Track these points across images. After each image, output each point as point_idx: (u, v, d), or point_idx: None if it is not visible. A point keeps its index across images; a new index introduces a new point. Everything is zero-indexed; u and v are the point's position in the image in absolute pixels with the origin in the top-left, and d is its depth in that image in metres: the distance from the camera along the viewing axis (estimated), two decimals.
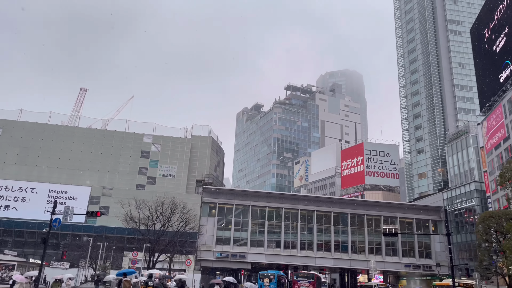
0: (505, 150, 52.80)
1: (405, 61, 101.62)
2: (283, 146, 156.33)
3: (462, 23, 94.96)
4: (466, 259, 62.55)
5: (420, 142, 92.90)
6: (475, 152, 69.11)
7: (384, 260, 63.85)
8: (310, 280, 47.42)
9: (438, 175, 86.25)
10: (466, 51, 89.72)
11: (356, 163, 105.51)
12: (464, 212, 65.81)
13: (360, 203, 70.51)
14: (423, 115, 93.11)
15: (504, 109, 53.14)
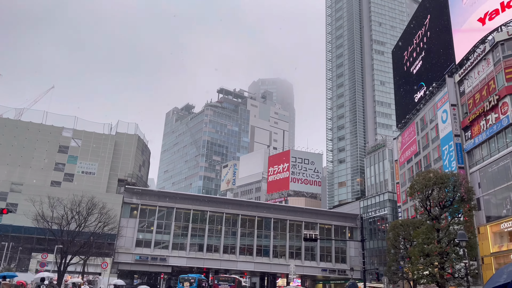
0: (415, 164, 57.56)
1: (333, 74, 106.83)
2: (212, 149, 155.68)
3: (385, 44, 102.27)
4: (377, 264, 66.98)
5: (342, 153, 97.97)
6: (390, 165, 74.47)
7: (303, 264, 66.07)
8: (231, 284, 47.48)
9: (356, 185, 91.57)
10: (387, 70, 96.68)
11: (282, 169, 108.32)
12: (378, 220, 70.49)
13: (284, 208, 72.38)
14: (346, 127, 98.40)
15: (417, 126, 57.99)
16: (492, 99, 39.17)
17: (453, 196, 34.71)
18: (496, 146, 39.10)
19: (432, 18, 56.23)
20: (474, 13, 44.35)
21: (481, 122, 41.52)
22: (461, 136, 45.26)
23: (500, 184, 37.95)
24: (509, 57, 38.21)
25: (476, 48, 44.16)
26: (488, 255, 38.69)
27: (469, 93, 44.46)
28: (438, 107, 50.10)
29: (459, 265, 32.14)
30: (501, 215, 38.00)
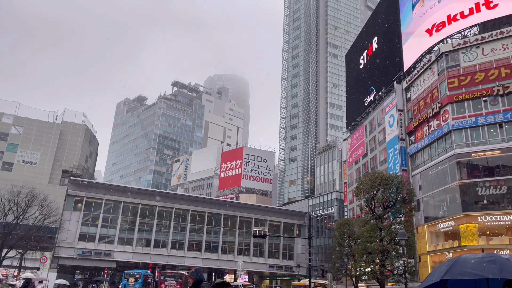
0: (363, 165, 59.83)
1: (288, 74, 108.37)
2: (164, 142, 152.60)
3: (339, 48, 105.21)
4: (323, 261, 69.00)
5: (294, 152, 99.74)
6: (338, 165, 76.85)
7: (251, 260, 66.64)
8: (178, 280, 46.86)
9: (306, 183, 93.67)
10: (340, 73, 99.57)
11: (235, 166, 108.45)
12: (325, 218, 72.55)
13: (235, 205, 72.53)
14: (299, 127, 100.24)
15: (365, 129, 60.26)
16: (435, 107, 41.52)
17: (396, 197, 36.43)
18: (436, 151, 41.53)
19: (384, 26, 58.58)
20: (423, 24, 46.73)
21: (424, 128, 43.90)
22: (405, 140, 47.59)
23: (438, 187, 40.39)
24: (452, 67, 40.68)
25: (423, 58, 46.59)
26: (425, 253, 41.11)
27: (415, 100, 46.83)
28: (386, 112, 52.34)
29: (398, 262, 33.84)
30: (438, 216, 40.47)
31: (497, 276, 3.52)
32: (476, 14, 41.04)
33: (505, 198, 34.99)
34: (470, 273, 3.80)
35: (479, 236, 35.26)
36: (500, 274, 3.49)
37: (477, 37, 40.04)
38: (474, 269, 3.78)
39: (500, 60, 37.79)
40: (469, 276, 3.79)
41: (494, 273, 3.57)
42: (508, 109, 36.26)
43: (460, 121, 38.51)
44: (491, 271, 3.62)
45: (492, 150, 36.44)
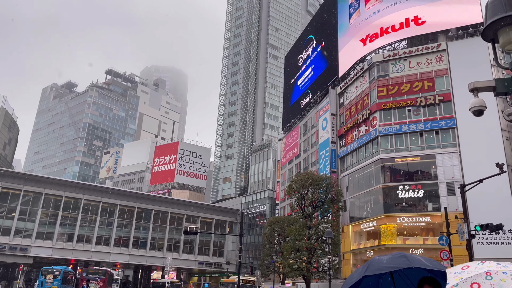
0: (295, 165, 61.51)
1: (228, 72, 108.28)
2: (93, 133, 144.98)
3: (279, 50, 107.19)
4: (252, 258, 69.91)
5: (230, 149, 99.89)
6: (273, 164, 78.30)
7: (181, 257, 65.57)
8: (101, 277, 44.81)
9: (240, 181, 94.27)
10: (279, 75, 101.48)
11: (168, 160, 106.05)
12: (257, 216, 73.55)
13: (167, 200, 70.92)
14: (237, 124, 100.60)
15: (300, 130, 62.02)
16: (365, 113, 43.82)
17: (325, 197, 37.93)
18: (364, 155, 43.87)
19: (322, 32, 60.63)
20: (358, 33, 49.07)
21: (354, 133, 46.17)
22: (336, 143, 49.71)
23: (363, 189, 42.71)
24: (382, 77, 43.20)
25: (356, 65, 48.92)
26: (348, 251, 43.26)
27: (347, 105, 49.07)
28: (320, 115, 54.26)
29: (323, 260, 35.25)
30: (362, 216, 42.80)
31: (409, 266, 4.18)
32: (406, 29, 43.94)
33: (421, 201, 37.90)
34: (387, 267, 4.32)
35: (397, 236, 37.82)
36: (411, 264, 4.16)
37: (406, 50, 42.91)
38: (389, 264, 4.32)
39: (424, 74, 40.84)
40: (386, 270, 4.34)
41: (407, 264, 4.20)
42: (428, 119, 39.29)
43: (387, 128, 41.02)
44: (403, 263, 4.24)
45: (413, 157, 39.29)
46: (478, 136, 35.20)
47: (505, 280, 3.00)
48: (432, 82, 40.11)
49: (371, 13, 47.84)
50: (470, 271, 3.10)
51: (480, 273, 3.04)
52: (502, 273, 3.04)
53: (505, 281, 2.99)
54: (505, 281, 2.99)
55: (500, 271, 3.05)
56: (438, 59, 40.40)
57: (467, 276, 3.01)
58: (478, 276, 3.02)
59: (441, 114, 38.84)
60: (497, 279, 2.99)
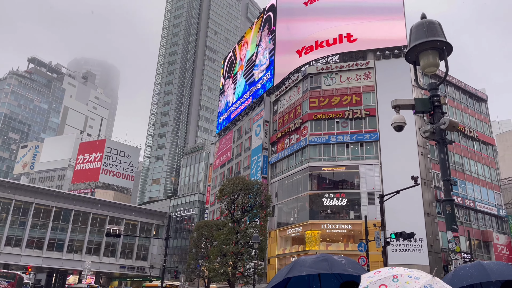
0: (227, 169, 61.56)
1: (164, 70, 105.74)
2: (10, 124, 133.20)
3: (217, 53, 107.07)
4: (178, 262, 68.44)
5: (161, 150, 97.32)
6: (204, 167, 77.62)
7: (101, 261, 62.32)
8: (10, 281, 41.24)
9: (170, 183, 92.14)
10: (216, 78, 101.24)
11: (94, 158, 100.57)
12: (185, 219, 72.30)
13: (89, 200, 67.11)
14: (169, 125, 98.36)
15: (234, 135, 62.25)
16: (297, 122, 45.18)
17: (255, 202, 38.33)
18: (294, 162, 45.15)
19: (261, 39, 61.61)
20: (295, 44, 50.61)
21: (286, 140, 47.37)
22: (268, 149, 50.62)
23: (292, 195, 43.90)
24: (315, 88, 44.90)
25: (291, 76, 50.37)
26: (274, 256, 44.08)
27: (281, 113, 50.26)
28: (254, 121, 54.94)
29: (249, 264, 35.53)
30: (289, 222, 43.93)
31: (329, 271, 4.32)
32: (339, 45, 46.21)
33: (344, 209, 39.83)
34: (309, 270, 4.47)
35: (320, 242, 39.31)
36: (331, 270, 4.31)
37: (338, 65, 45.08)
38: (311, 267, 4.47)
39: (353, 88, 43.17)
40: (307, 272, 4.47)
41: (326, 269, 4.35)
42: (354, 131, 41.53)
43: (316, 138, 42.64)
44: (324, 267, 4.40)
45: (339, 166, 41.22)
46: (398, 150, 37.88)
47: (409, 282, 3.22)
48: (360, 97, 42.50)
49: (308, 26, 49.63)
50: (381, 275, 3.37)
51: (388, 276, 3.26)
52: (407, 276, 3.29)
53: (409, 283, 3.22)
54: (409, 283, 3.22)
55: (406, 275, 3.30)
56: (366, 75, 42.95)
57: (377, 279, 3.25)
58: (386, 279, 3.24)
59: (366, 127, 41.25)
60: (402, 282, 3.22)
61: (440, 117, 6.68)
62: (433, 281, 3.26)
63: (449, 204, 6.33)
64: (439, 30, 6.75)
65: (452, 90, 46.01)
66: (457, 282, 4.60)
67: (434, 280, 3.28)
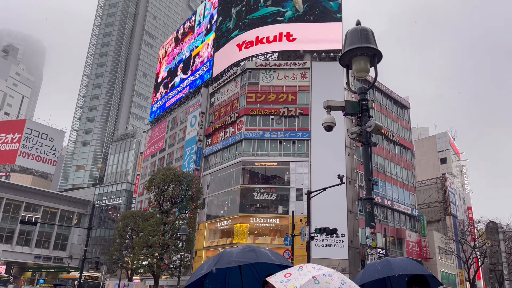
0: (159, 159, 60.02)
1: (96, 51, 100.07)
2: None
3: (155, 38, 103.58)
4: (100, 253, 65.54)
5: (88, 135, 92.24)
6: (134, 156, 74.99)
7: (13, 250, 57.76)
8: None
9: (96, 170, 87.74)
10: (152, 64, 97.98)
11: (11, 139, 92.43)
12: (110, 209, 69.34)
13: (2, 184, 61.72)
14: (99, 109, 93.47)
15: (168, 124, 60.78)
16: (233, 116, 45.28)
17: (185, 193, 37.85)
18: (227, 156, 45.25)
19: (200, 31, 60.72)
20: (236, 38, 50.53)
21: (221, 133, 47.29)
22: (203, 141, 50.18)
23: (223, 188, 44.01)
24: (253, 84, 45.27)
25: (230, 69, 50.29)
26: (201, 248, 43.95)
27: (217, 106, 50.02)
28: (190, 111, 54.09)
29: (175, 256, 35.06)
30: (219, 215, 44.02)
31: (257, 261, 4.44)
32: (279, 43, 46.98)
33: (273, 204, 40.79)
34: (236, 261, 4.51)
35: (248, 235, 39.91)
36: (258, 259, 4.44)
37: (276, 62, 45.85)
38: (238, 257, 4.51)
39: (289, 87, 44.21)
40: (236, 263, 4.53)
41: (255, 258, 4.45)
42: (288, 129, 42.60)
43: (251, 133, 43.09)
44: (252, 257, 4.49)
45: (271, 162, 42.08)
46: (327, 149, 39.53)
47: (329, 282, 3.31)
48: (295, 95, 43.65)
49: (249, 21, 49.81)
50: (296, 278, 3.38)
51: (309, 279, 3.28)
52: (323, 275, 3.37)
53: (329, 283, 3.31)
54: (329, 283, 3.31)
55: (321, 274, 3.38)
56: (303, 75, 44.20)
57: (299, 285, 3.26)
58: (309, 283, 3.25)
59: (299, 126, 42.51)
60: (323, 282, 3.29)
61: (367, 120, 7.05)
62: (335, 272, 3.49)
63: (370, 202, 6.72)
64: (371, 38, 7.11)
65: (380, 96, 48.99)
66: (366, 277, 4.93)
67: (335, 272, 3.50)
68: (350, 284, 3.47)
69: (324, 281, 3.29)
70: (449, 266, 52.05)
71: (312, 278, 3.30)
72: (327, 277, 3.36)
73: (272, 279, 3.53)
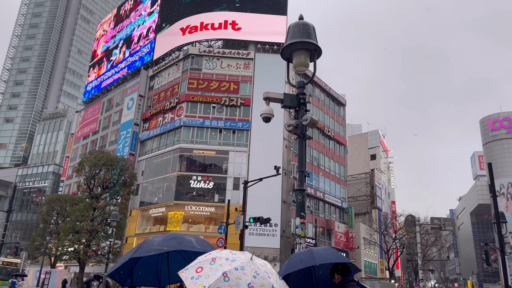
0: (91, 142, 57.14)
1: (26, 21, 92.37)
2: None
3: (93, 14, 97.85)
4: (21, 238, 61.31)
5: (12, 111, 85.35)
6: (64, 137, 70.74)
7: None
8: None
9: (20, 150, 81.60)
10: (89, 41, 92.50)
11: None
12: (34, 191, 64.93)
13: None
14: (26, 84, 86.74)
15: (103, 105, 57.93)
16: (173, 101, 44.25)
17: (118, 179, 36.48)
18: (165, 142, 44.24)
19: (145, 10, 58.32)
20: (180, 22, 49.21)
21: (159, 118, 46.05)
22: (139, 125, 48.56)
23: (159, 175, 43.04)
24: (195, 70, 44.50)
25: (172, 53, 48.96)
26: (132, 235, 42.76)
27: (157, 90, 48.56)
28: (127, 94, 51.97)
29: (104, 243, 33.78)
30: (153, 202, 43.06)
31: (177, 248, 4.43)
32: (224, 30, 46.52)
33: (210, 192, 40.69)
34: (156, 249, 4.50)
35: (182, 223, 39.52)
36: (179, 247, 4.43)
37: (220, 50, 45.39)
38: (159, 246, 4.50)
39: (232, 76, 44.06)
40: (155, 252, 4.50)
41: (175, 246, 4.45)
42: (229, 118, 42.54)
43: (191, 119, 42.44)
44: (172, 245, 4.49)
45: (210, 150, 41.83)
46: (266, 140, 40.10)
47: (240, 277, 3.20)
48: (238, 85, 43.64)
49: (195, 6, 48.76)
50: (207, 275, 3.22)
51: (219, 277, 3.17)
52: (235, 269, 3.25)
53: (240, 278, 3.19)
54: (240, 278, 3.19)
55: (233, 268, 3.27)
56: (246, 65, 44.25)
57: (208, 283, 3.13)
58: (218, 281, 3.14)
59: (240, 116, 42.64)
60: (233, 278, 3.17)
61: (303, 114, 7.22)
62: (249, 263, 3.44)
63: (301, 193, 6.93)
64: (313, 33, 7.26)
65: (319, 92, 50.56)
66: (290, 267, 5.07)
67: (251, 262, 3.45)
68: (263, 275, 3.40)
69: (234, 277, 3.20)
70: (371, 256, 55.58)
71: (222, 275, 3.20)
72: (238, 272, 3.27)
73: (183, 274, 3.41)
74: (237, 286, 3.14)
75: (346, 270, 4.87)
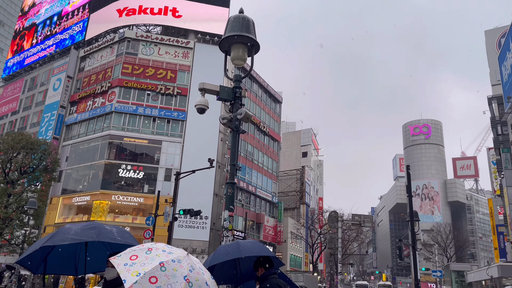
0: (10, 122, 52.63)
1: None
2: None
3: None
4: None
5: None
6: None
7: None
8: None
9: None
10: (13, 13, 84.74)
11: None
12: None
13: None
14: None
15: (25, 84, 53.53)
16: (105, 85, 42.09)
17: (38, 164, 34.03)
18: (93, 127, 41.99)
19: None
20: (117, 2, 46.84)
21: (89, 102, 43.58)
22: (66, 108, 45.60)
23: (85, 162, 40.81)
24: (130, 54, 42.66)
25: (107, 34, 46.51)
26: (52, 224, 40.17)
27: (88, 72, 45.88)
28: (54, 73, 48.50)
29: (19, 232, 31.39)
30: (77, 190, 40.76)
31: (95, 239, 4.26)
32: (163, 16, 45.10)
33: (139, 182, 39.40)
34: (72, 238, 4.32)
35: (108, 213, 37.88)
36: (97, 238, 4.27)
37: (158, 36, 43.95)
38: (75, 235, 4.32)
39: (170, 64, 42.91)
40: (70, 241, 4.30)
41: (93, 237, 4.29)
42: (164, 107, 41.42)
43: (123, 106, 40.66)
44: (90, 235, 4.33)
45: (142, 139, 40.43)
46: (201, 132, 39.66)
47: (177, 269, 3.22)
48: (175, 74, 42.61)
49: None
50: (142, 263, 3.19)
51: (156, 265, 3.17)
52: (171, 261, 3.27)
53: (177, 270, 3.22)
54: (177, 270, 3.22)
55: (170, 260, 3.28)
56: (185, 55, 43.34)
57: (143, 271, 3.10)
58: (155, 270, 3.14)
59: (176, 105, 41.71)
60: (170, 269, 3.19)
61: (238, 108, 7.23)
62: (185, 257, 3.44)
63: (231, 186, 6.95)
64: (252, 28, 7.28)
65: (257, 87, 51.04)
66: (216, 259, 5.11)
67: (186, 258, 3.45)
68: (198, 271, 3.43)
69: (171, 268, 3.18)
70: (297, 250, 57.61)
71: (159, 264, 3.16)
72: (175, 263, 3.26)
73: (115, 260, 3.28)
74: (174, 277, 3.15)
75: (269, 263, 4.97)
